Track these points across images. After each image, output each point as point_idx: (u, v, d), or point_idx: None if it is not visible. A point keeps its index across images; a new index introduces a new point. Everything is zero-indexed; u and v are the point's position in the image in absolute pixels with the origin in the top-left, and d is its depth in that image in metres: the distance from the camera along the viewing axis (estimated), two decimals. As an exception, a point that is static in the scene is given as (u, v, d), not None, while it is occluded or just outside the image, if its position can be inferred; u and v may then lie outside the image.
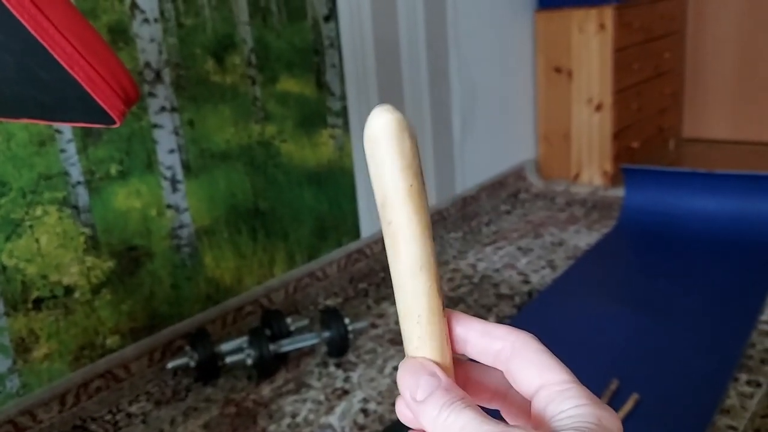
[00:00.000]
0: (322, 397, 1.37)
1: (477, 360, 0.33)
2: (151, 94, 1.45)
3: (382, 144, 0.29)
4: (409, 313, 0.31)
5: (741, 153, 3.05)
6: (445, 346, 0.32)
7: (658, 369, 1.34)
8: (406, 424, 0.32)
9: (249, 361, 1.42)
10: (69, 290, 1.36)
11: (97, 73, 0.66)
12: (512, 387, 0.33)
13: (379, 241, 2.07)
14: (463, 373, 0.35)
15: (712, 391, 1.25)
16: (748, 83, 3.11)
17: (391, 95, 2.07)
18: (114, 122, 0.70)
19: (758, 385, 1.28)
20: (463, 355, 0.34)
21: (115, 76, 0.69)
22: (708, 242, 1.94)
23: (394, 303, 1.70)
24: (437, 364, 0.31)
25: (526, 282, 1.83)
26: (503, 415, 0.35)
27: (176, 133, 1.51)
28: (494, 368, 0.33)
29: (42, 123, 1.23)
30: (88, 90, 0.66)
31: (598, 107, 2.57)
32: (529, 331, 0.33)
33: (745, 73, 3.11)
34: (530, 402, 0.31)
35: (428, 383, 0.30)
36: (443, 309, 0.32)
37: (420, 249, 0.30)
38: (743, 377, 1.30)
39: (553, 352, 0.32)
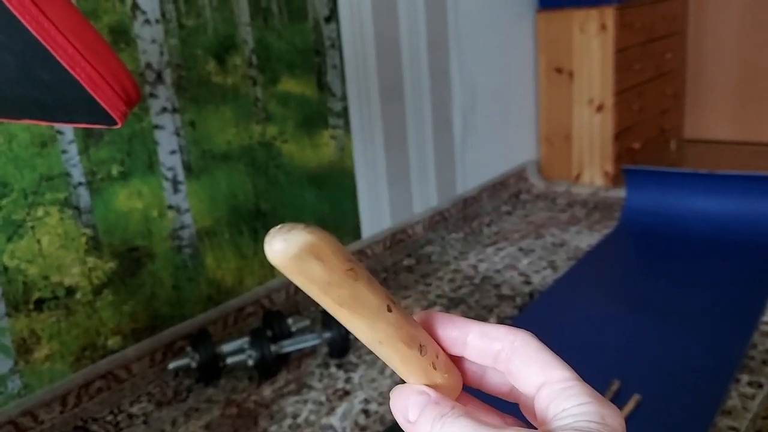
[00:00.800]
0: (323, 398, 1.37)
1: (477, 362, 0.33)
2: (153, 95, 1.45)
3: (287, 273, 0.27)
4: (385, 362, 0.31)
5: (742, 154, 3.05)
6: (430, 372, 0.32)
7: (659, 370, 1.34)
8: None
9: (250, 362, 1.42)
10: (70, 291, 1.36)
11: (99, 74, 0.66)
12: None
13: (380, 241, 2.07)
14: (480, 373, 0.34)
15: (714, 392, 1.25)
16: (750, 84, 3.11)
17: (392, 96, 2.07)
18: (115, 123, 0.70)
19: (760, 386, 1.28)
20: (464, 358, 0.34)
21: (117, 76, 0.69)
22: (709, 243, 1.94)
23: (395, 304, 1.69)
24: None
25: (528, 283, 1.83)
26: (521, 409, 0.34)
27: (177, 134, 1.51)
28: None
29: (43, 124, 1.23)
30: (90, 91, 0.66)
31: (600, 108, 2.57)
32: (530, 331, 0.33)
33: (747, 73, 3.11)
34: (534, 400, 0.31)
35: (417, 402, 0.30)
36: (420, 351, 0.31)
37: (371, 332, 0.30)
38: (745, 378, 1.30)
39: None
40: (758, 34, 3.04)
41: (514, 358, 0.31)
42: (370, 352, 1.52)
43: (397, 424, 0.33)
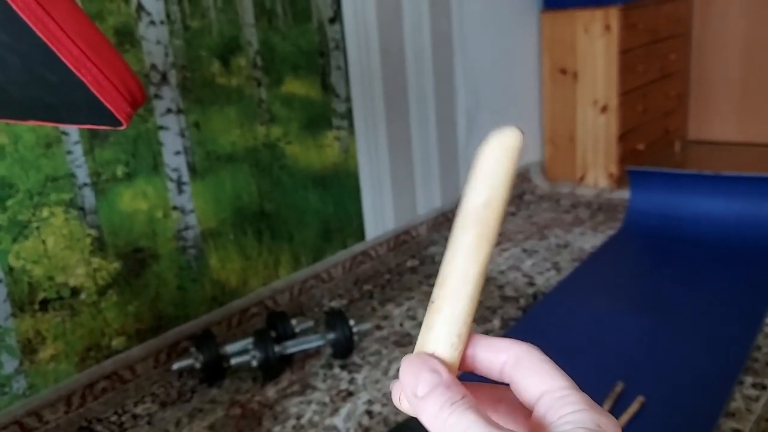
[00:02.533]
0: (326, 399, 1.37)
1: (485, 376, 0.34)
2: (157, 96, 1.46)
3: (514, 157, 0.33)
4: (457, 313, 0.32)
5: (746, 155, 3.05)
6: (458, 345, 0.32)
7: (663, 371, 1.34)
8: (406, 413, 0.32)
9: (254, 363, 1.42)
10: (75, 291, 1.37)
11: (104, 75, 0.67)
12: (504, 397, 0.33)
13: (384, 243, 2.07)
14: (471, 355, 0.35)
15: (718, 394, 1.25)
16: (754, 85, 3.10)
17: (396, 97, 2.07)
18: (120, 124, 0.70)
19: (764, 388, 1.28)
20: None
21: (122, 78, 0.69)
22: (713, 244, 1.94)
23: (398, 305, 1.69)
24: (442, 362, 0.31)
25: (531, 284, 1.83)
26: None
27: (182, 135, 1.51)
28: (484, 384, 0.34)
29: (49, 125, 1.23)
30: (95, 92, 0.67)
31: (604, 109, 2.57)
32: (534, 333, 0.33)
33: (751, 74, 3.10)
34: (530, 410, 0.31)
35: (429, 379, 0.30)
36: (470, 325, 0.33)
37: (480, 265, 0.32)
38: (749, 380, 1.30)
39: (557, 355, 0.32)
40: (762, 35, 3.03)
41: (517, 368, 0.32)
42: (374, 353, 1.52)
43: (400, 426, 0.33)
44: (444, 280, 0.32)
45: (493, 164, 0.32)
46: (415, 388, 0.30)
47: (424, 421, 0.29)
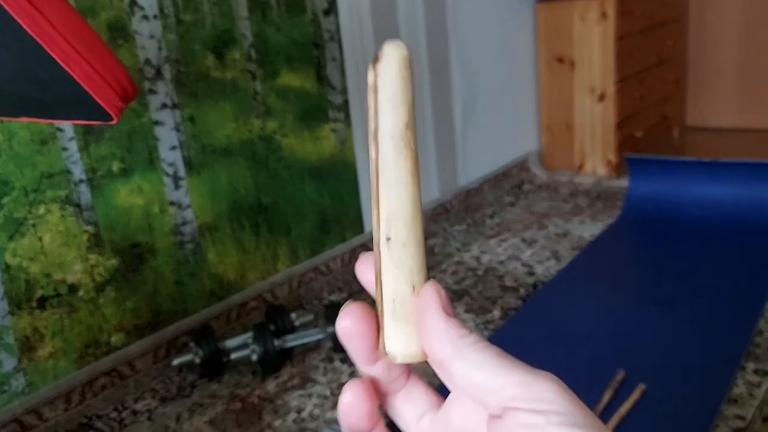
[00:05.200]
0: (327, 392, 1.37)
1: None
2: (152, 91, 1.45)
3: (404, 66, 0.30)
4: (421, 249, 0.31)
5: (745, 141, 3.04)
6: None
7: (664, 359, 1.34)
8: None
9: (254, 357, 1.42)
10: (73, 288, 1.36)
11: (94, 69, 0.67)
12: None
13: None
14: None
15: (719, 381, 1.25)
16: (752, 70, 3.09)
17: (393, 88, 2.06)
18: (111, 118, 0.70)
19: (766, 373, 1.28)
20: None
21: (112, 72, 0.69)
22: (713, 230, 1.94)
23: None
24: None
25: (531, 273, 1.83)
26: None
27: (177, 130, 1.50)
28: None
29: (42, 121, 1.23)
30: (85, 87, 0.66)
31: (601, 97, 2.56)
32: (534, 323, 0.33)
33: (749, 60, 3.09)
34: None
35: (443, 315, 0.30)
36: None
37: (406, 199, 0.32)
38: (750, 366, 1.30)
39: (558, 344, 0.32)
40: (759, 20, 3.02)
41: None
42: (374, 345, 1.52)
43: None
44: (394, 214, 0.30)
45: (399, 80, 0.29)
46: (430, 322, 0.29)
47: (440, 346, 0.28)
